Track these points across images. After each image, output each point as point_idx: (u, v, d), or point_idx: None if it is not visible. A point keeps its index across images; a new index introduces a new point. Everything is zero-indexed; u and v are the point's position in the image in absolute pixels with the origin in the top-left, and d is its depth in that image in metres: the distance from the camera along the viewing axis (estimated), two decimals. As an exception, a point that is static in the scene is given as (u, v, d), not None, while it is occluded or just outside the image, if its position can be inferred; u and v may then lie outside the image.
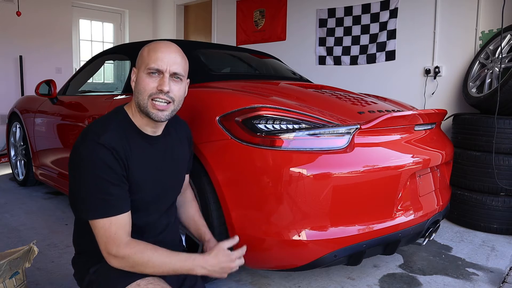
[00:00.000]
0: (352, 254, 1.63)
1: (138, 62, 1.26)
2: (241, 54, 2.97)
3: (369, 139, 1.67)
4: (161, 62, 1.21)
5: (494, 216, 2.72)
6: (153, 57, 1.21)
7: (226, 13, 5.52)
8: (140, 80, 1.23)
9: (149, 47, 1.25)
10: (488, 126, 2.71)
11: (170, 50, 1.24)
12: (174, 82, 1.23)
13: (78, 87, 3.16)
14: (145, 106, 1.21)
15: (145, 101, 1.21)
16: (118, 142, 1.18)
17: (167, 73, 1.21)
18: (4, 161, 4.69)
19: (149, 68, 1.21)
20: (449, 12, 3.58)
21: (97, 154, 1.14)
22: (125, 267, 1.16)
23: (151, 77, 1.21)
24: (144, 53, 1.24)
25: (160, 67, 1.21)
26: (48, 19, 5.62)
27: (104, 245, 1.15)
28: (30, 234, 2.52)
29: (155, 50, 1.23)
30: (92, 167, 1.13)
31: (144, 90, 1.21)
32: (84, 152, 1.15)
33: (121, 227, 1.15)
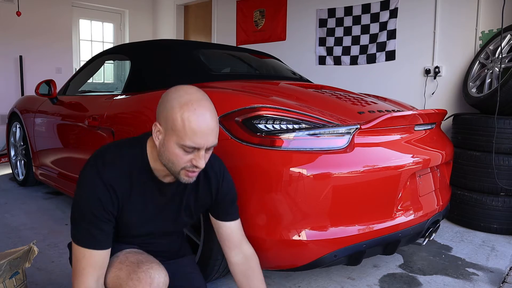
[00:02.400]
0: (352, 254, 1.63)
1: (166, 122, 1.11)
2: (241, 54, 2.97)
3: (369, 139, 1.67)
4: (200, 140, 1.09)
5: (494, 216, 2.72)
6: (190, 133, 1.07)
7: (226, 13, 5.52)
8: (171, 150, 1.11)
9: (182, 115, 1.08)
10: (488, 126, 2.71)
11: (209, 120, 1.09)
12: (207, 152, 1.15)
13: (78, 87, 3.15)
14: (176, 173, 1.15)
15: (177, 170, 1.14)
16: (119, 182, 1.16)
17: (204, 150, 1.12)
18: (4, 161, 4.69)
19: (184, 145, 1.09)
20: (449, 12, 3.58)
21: (94, 189, 1.14)
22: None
23: (185, 152, 1.11)
24: (176, 121, 1.08)
25: (198, 145, 1.09)
26: (48, 19, 5.62)
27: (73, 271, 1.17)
28: (30, 234, 2.52)
29: (192, 124, 1.07)
30: (87, 198, 1.14)
31: (177, 163, 1.13)
32: (86, 178, 1.16)
33: (92, 266, 1.15)
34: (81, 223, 1.15)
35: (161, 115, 1.13)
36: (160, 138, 1.14)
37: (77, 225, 1.17)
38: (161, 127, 1.13)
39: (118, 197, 1.17)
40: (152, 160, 1.20)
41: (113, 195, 1.16)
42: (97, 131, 2.38)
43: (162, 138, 1.13)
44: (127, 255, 1.21)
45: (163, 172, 1.22)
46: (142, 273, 1.14)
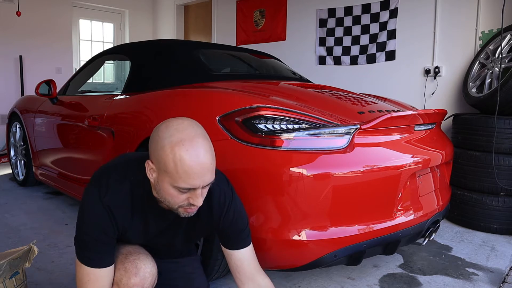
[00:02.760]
0: (352, 254, 1.63)
1: (158, 163, 1.07)
2: (241, 54, 2.97)
3: (369, 139, 1.67)
4: (195, 182, 1.04)
5: (494, 216, 2.72)
6: (184, 176, 1.03)
7: (226, 13, 5.52)
8: (165, 190, 1.08)
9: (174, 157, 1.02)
10: (488, 126, 2.71)
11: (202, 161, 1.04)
12: (205, 189, 1.11)
13: (78, 87, 3.16)
14: (174, 210, 1.14)
15: (175, 208, 1.13)
16: (119, 208, 1.16)
17: (200, 189, 1.08)
18: (4, 161, 4.69)
19: (178, 187, 1.05)
20: (449, 12, 3.58)
21: (96, 214, 1.15)
22: None
23: (181, 193, 1.07)
24: (168, 163, 1.03)
25: (193, 186, 1.05)
26: (48, 19, 5.62)
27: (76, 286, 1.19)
28: (30, 234, 2.52)
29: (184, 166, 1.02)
30: (88, 221, 1.15)
31: (173, 202, 1.10)
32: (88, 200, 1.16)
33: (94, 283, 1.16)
34: (84, 243, 1.17)
35: (153, 154, 1.08)
36: (154, 176, 1.10)
37: (80, 244, 1.18)
38: (154, 166, 1.08)
39: (117, 222, 1.18)
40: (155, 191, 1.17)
41: (113, 220, 1.17)
42: (97, 131, 2.38)
43: (156, 176, 1.09)
44: (118, 247, 1.24)
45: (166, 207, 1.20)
46: (129, 263, 1.19)
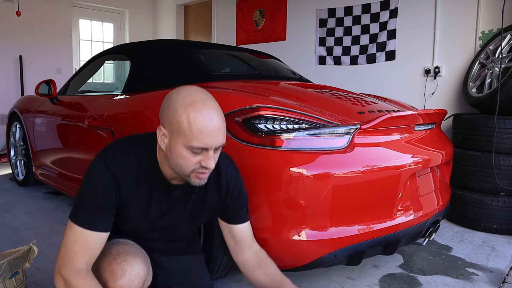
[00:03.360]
0: (352, 254, 1.63)
1: (171, 125, 1.09)
2: (241, 54, 2.97)
3: (369, 139, 1.67)
4: (208, 140, 1.06)
5: (494, 216, 2.72)
6: (197, 134, 1.05)
7: (226, 13, 5.52)
8: (178, 153, 1.09)
9: (188, 116, 1.05)
10: (488, 126, 2.71)
11: (215, 120, 1.07)
12: (216, 153, 1.13)
13: (78, 87, 3.16)
14: (185, 177, 1.14)
15: (187, 174, 1.13)
16: (126, 175, 1.16)
17: (212, 150, 1.09)
18: (4, 161, 4.69)
19: (192, 146, 1.07)
20: (449, 12, 3.58)
21: (100, 177, 1.15)
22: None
23: (194, 154, 1.08)
24: (182, 124, 1.06)
25: (206, 145, 1.07)
26: (48, 19, 5.62)
27: (59, 258, 1.13)
28: (30, 234, 2.52)
29: (198, 124, 1.05)
30: (91, 183, 1.15)
31: (186, 167, 1.11)
32: (93, 166, 1.17)
33: (84, 250, 1.12)
34: (81, 204, 1.16)
35: (165, 119, 1.11)
36: (166, 141, 1.11)
37: (77, 206, 1.17)
38: (166, 131, 1.10)
39: (120, 189, 1.16)
40: (161, 162, 1.19)
41: (116, 185, 1.15)
42: (97, 131, 2.38)
43: (168, 141, 1.11)
44: (109, 246, 1.20)
45: (171, 175, 1.20)
46: (116, 265, 1.14)
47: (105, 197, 1.15)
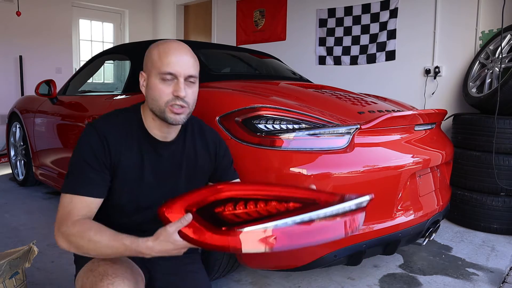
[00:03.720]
0: (352, 254, 1.63)
1: (147, 65, 1.19)
2: (241, 54, 2.97)
3: (369, 139, 1.67)
4: (175, 65, 1.14)
5: (494, 216, 2.72)
6: (165, 61, 1.14)
7: (226, 13, 5.52)
8: (153, 86, 1.16)
9: (158, 49, 1.16)
10: (488, 126, 2.71)
11: (182, 51, 1.17)
12: (188, 86, 1.17)
13: (78, 87, 3.16)
14: (162, 111, 1.17)
15: (162, 108, 1.16)
16: (112, 131, 1.19)
17: (182, 78, 1.15)
18: (4, 161, 4.69)
19: (162, 73, 1.14)
20: (449, 12, 3.58)
21: (87, 137, 1.18)
22: (70, 249, 1.09)
23: (165, 83, 1.15)
24: (154, 56, 1.17)
25: (174, 71, 1.14)
26: (48, 19, 5.62)
27: (56, 221, 1.12)
28: (30, 234, 2.52)
29: (166, 53, 1.15)
30: (80, 147, 1.18)
31: (160, 98, 1.15)
32: (82, 135, 1.20)
33: (78, 208, 1.11)
34: (72, 172, 1.16)
35: (144, 64, 1.21)
36: (145, 83, 1.20)
37: (67, 176, 1.17)
38: (145, 73, 1.20)
39: (110, 146, 1.17)
40: (145, 118, 1.24)
41: (105, 142, 1.16)
42: (97, 131, 2.38)
43: (146, 81, 1.20)
44: (100, 263, 1.13)
45: (155, 126, 1.23)
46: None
47: (95, 158, 1.15)
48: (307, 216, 0.95)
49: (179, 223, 1.00)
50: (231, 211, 1.02)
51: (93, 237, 1.05)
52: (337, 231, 0.97)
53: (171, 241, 1.01)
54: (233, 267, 1.85)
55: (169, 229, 1.01)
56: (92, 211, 1.15)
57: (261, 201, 1.04)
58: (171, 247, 1.02)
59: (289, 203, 1.03)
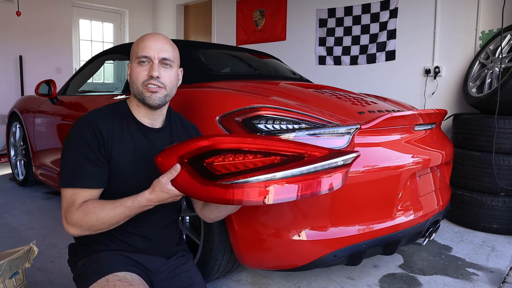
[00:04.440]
0: (352, 254, 1.63)
1: (130, 56, 1.31)
2: (241, 54, 2.97)
3: (369, 139, 1.67)
4: (149, 49, 1.25)
5: (494, 216, 2.72)
6: (141, 46, 1.26)
7: (226, 13, 5.52)
8: (132, 71, 1.28)
9: (137, 39, 1.30)
10: (488, 126, 2.71)
11: (157, 38, 1.29)
12: (163, 69, 1.27)
13: (78, 87, 3.15)
14: (140, 92, 1.26)
15: (140, 89, 1.25)
16: (104, 122, 1.23)
17: (156, 60, 1.25)
18: (4, 161, 4.69)
19: (138, 57, 1.25)
20: (449, 12, 3.58)
21: (80, 129, 1.21)
22: (84, 232, 1.17)
23: (141, 66, 1.25)
24: (133, 46, 1.29)
25: (148, 54, 1.24)
26: (48, 19, 5.62)
27: (63, 214, 1.20)
28: (30, 234, 2.52)
29: (142, 39, 1.28)
30: (73, 140, 1.21)
31: (137, 79, 1.26)
32: (71, 128, 1.23)
33: (81, 198, 1.18)
34: (68, 165, 1.20)
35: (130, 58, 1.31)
36: (128, 71, 1.30)
37: (63, 170, 1.20)
38: (129, 63, 1.30)
39: (103, 136, 1.21)
40: (132, 108, 1.31)
41: (97, 133, 1.20)
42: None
43: (129, 69, 1.30)
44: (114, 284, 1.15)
45: (142, 113, 1.30)
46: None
47: (91, 150, 1.19)
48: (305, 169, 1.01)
49: (170, 173, 1.08)
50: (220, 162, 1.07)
51: (99, 214, 1.14)
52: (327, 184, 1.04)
53: (165, 191, 1.10)
54: (233, 267, 1.85)
55: (161, 179, 1.10)
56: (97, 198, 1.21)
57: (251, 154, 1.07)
58: (166, 196, 1.11)
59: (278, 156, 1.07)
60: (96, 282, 1.16)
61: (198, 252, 1.76)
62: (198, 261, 1.75)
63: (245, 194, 1.00)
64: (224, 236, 1.68)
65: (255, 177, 1.00)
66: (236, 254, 1.69)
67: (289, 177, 1.00)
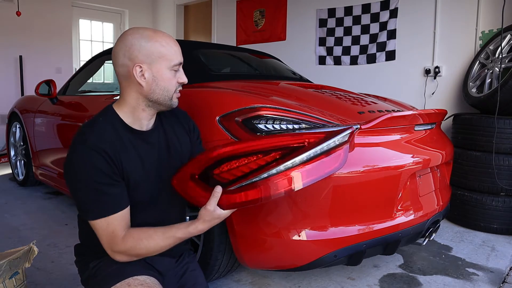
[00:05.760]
0: (352, 254, 1.63)
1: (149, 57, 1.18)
2: (241, 54, 2.97)
3: (369, 139, 1.67)
4: (180, 56, 1.22)
5: (494, 216, 2.72)
6: (172, 51, 1.20)
7: (226, 13, 5.52)
8: (164, 78, 1.20)
9: (157, 41, 1.19)
10: (488, 126, 2.71)
11: (173, 39, 1.24)
12: None
13: (78, 87, 3.16)
14: (170, 99, 1.23)
15: (171, 96, 1.23)
16: (107, 142, 1.16)
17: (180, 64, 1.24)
18: (4, 161, 4.69)
19: (175, 64, 1.20)
20: (449, 12, 3.58)
21: (87, 158, 1.12)
22: (131, 259, 1.19)
23: (174, 73, 1.21)
24: (160, 49, 1.19)
25: (181, 60, 1.22)
26: (48, 19, 5.62)
27: (105, 244, 1.17)
28: (30, 234, 2.52)
29: (168, 43, 1.20)
30: (84, 172, 1.12)
31: (171, 87, 1.22)
32: (74, 158, 1.14)
33: (118, 224, 1.15)
34: (88, 198, 1.14)
35: (140, 56, 1.18)
36: (148, 75, 1.19)
37: (85, 203, 1.15)
38: (144, 65, 1.18)
39: (111, 156, 1.15)
40: (124, 115, 1.24)
41: (106, 156, 1.14)
42: (97, 131, 2.38)
43: (150, 73, 1.19)
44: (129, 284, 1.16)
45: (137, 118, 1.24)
46: None
47: (105, 175, 1.13)
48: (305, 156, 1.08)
49: (214, 198, 1.12)
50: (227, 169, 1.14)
51: (148, 244, 1.16)
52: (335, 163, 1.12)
53: (216, 217, 1.13)
54: (233, 267, 1.85)
55: (209, 207, 1.12)
56: (129, 219, 1.20)
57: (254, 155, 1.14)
58: (217, 222, 1.15)
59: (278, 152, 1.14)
60: (116, 285, 1.16)
61: (198, 252, 1.76)
62: (198, 261, 1.75)
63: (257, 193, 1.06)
64: (224, 236, 1.68)
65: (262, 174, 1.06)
66: (236, 254, 1.69)
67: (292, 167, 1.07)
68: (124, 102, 1.23)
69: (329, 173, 1.11)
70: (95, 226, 1.15)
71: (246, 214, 1.59)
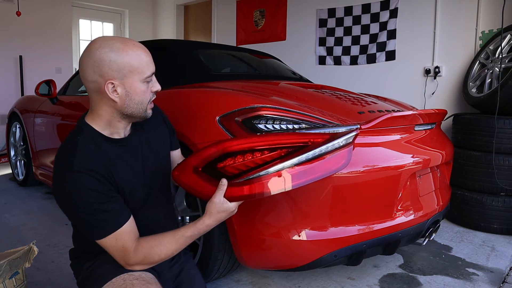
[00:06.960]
0: (352, 254, 1.63)
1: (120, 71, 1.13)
2: (241, 54, 2.97)
3: (369, 139, 1.67)
4: (152, 66, 1.18)
5: (494, 216, 2.72)
6: (144, 63, 1.15)
7: (226, 13, 5.52)
8: (138, 91, 1.16)
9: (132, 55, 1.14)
10: (488, 126, 2.71)
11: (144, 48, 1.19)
12: None
13: (78, 87, 3.15)
14: (144, 110, 1.20)
15: (144, 108, 1.19)
16: (94, 161, 1.13)
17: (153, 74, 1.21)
18: (4, 161, 4.69)
19: (147, 76, 1.16)
20: (449, 12, 3.58)
21: (79, 183, 1.09)
22: (147, 267, 1.20)
23: (147, 84, 1.18)
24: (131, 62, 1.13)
25: (153, 70, 1.18)
26: (48, 19, 5.62)
27: (119, 260, 1.18)
28: (30, 234, 2.52)
29: (139, 55, 1.15)
30: (79, 197, 1.09)
31: (145, 99, 1.18)
32: (63, 185, 1.12)
33: (127, 238, 1.15)
34: (90, 220, 1.12)
35: (110, 72, 1.12)
36: (120, 90, 1.14)
37: (88, 226, 1.13)
38: (116, 81, 1.13)
39: (102, 174, 1.13)
40: (100, 128, 1.20)
41: (96, 175, 1.12)
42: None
43: (123, 88, 1.14)
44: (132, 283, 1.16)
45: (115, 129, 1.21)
46: None
47: (100, 193, 1.11)
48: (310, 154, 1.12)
49: (220, 190, 1.12)
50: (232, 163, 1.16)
51: (160, 251, 1.17)
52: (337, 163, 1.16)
53: (222, 210, 1.13)
54: (233, 267, 1.85)
55: (215, 200, 1.12)
56: (136, 229, 1.19)
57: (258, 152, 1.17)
58: (224, 215, 1.15)
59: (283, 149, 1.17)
60: (111, 281, 1.16)
61: (198, 252, 1.76)
62: (198, 261, 1.75)
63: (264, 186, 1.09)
64: (224, 236, 1.68)
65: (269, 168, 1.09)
66: (236, 254, 1.69)
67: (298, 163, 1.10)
68: (98, 116, 1.19)
69: (333, 171, 1.15)
70: (104, 244, 1.15)
71: (246, 214, 1.59)
